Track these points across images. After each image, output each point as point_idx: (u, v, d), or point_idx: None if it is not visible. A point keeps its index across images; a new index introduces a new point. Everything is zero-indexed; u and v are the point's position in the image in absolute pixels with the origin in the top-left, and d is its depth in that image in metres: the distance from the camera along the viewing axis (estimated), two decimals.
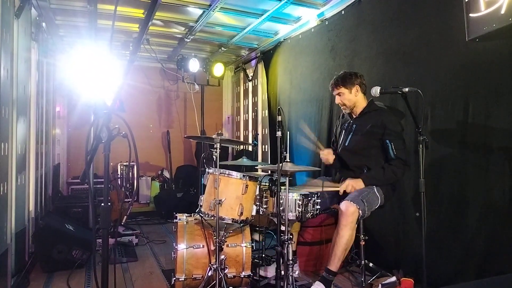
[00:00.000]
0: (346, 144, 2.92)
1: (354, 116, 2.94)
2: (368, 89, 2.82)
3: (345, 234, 2.53)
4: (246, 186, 2.53)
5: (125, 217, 4.05)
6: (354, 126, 2.91)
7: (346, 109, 2.93)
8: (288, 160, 2.51)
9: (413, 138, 2.85)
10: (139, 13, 4.12)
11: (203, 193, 2.64)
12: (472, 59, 2.50)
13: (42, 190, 4.09)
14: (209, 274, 2.57)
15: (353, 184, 2.69)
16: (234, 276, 2.73)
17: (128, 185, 5.56)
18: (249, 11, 4.06)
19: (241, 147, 6.21)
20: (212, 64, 5.93)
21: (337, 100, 2.90)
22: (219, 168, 2.51)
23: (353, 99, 2.85)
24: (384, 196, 2.75)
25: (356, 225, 2.61)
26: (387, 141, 2.71)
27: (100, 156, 1.72)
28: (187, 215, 2.88)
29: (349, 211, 2.52)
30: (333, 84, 2.89)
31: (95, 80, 3.52)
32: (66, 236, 3.19)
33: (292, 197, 2.51)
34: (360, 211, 2.53)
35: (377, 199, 2.69)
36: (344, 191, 2.71)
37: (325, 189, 2.82)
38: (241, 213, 2.50)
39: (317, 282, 2.55)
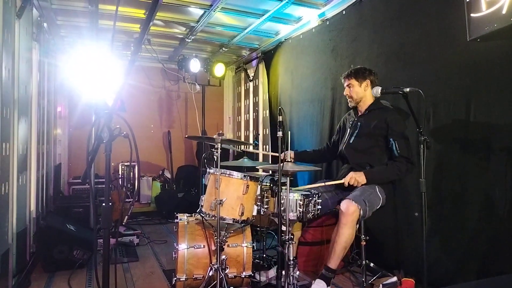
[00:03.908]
0: (351, 142, 2.92)
1: (360, 113, 2.95)
2: None
3: (345, 233, 2.53)
4: (247, 186, 2.53)
5: (126, 217, 4.04)
6: (359, 124, 2.92)
7: (351, 102, 2.95)
8: (289, 160, 2.51)
9: (414, 138, 2.85)
10: (140, 13, 4.12)
11: (204, 193, 2.65)
12: (473, 59, 2.50)
13: (43, 190, 4.09)
14: (210, 274, 2.57)
15: (356, 177, 2.67)
16: (235, 276, 2.73)
17: (129, 185, 5.57)
18: (250, 11, 4.05)
19: (242, 147, 6.21)
20: (213, 64, 5.92)
21: (346, 91, 2.94)
22: (220, 168, 2.51)
23: (361, 93, 2.88)
24: (386, 197, 2.75)
25: (357, 225, 2.61)
26: (391, 139, 2.72)
27: (101, 156, 1.72)
28: (188, 215, 2.89)
29: (350, 210, 2.52)
30: (346, 75, 2.93)
31: (96, 80, 3.52)
32: (67, 236, 3.19)
33: (293, 197, 2.50)
34: (361, 211, 2.53)
35: (379, 200, 2.69)
36: (350, 185, 2.70)
37: (328, 183, 2.81)
38: (242, 213, 2.51)
39: (318, 280, 2.56)
